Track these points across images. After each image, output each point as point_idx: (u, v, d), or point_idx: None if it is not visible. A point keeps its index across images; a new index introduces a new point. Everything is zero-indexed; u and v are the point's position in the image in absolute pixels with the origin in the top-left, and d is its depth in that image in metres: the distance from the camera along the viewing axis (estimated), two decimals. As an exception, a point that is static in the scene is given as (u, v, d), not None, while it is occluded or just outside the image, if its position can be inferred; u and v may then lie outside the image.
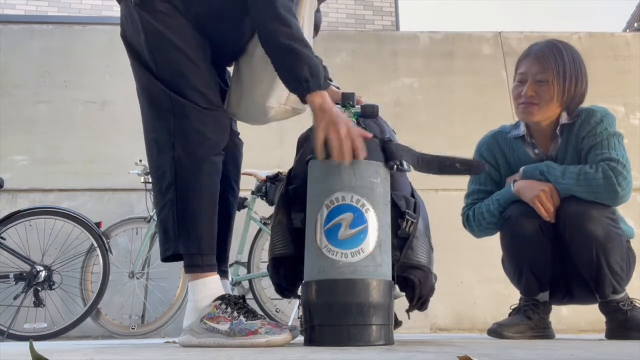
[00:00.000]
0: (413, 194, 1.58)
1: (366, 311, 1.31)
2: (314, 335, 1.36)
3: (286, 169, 1.74)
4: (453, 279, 3.70)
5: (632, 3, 6.96)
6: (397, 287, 1.54)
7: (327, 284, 1.34)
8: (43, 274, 3.12)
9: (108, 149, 3.91)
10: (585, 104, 2.01)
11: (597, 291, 1.88)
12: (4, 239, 3.13)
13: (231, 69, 1.78)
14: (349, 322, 1.31)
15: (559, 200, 1.88)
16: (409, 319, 1.67)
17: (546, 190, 1.88)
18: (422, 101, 4.24)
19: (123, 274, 3.35)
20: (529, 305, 2.01)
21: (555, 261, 1.92)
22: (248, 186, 3.24)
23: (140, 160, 3.28)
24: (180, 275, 3.28)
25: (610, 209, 1.86)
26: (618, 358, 0.96)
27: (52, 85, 4.07)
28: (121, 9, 1.63)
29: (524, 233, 1.91)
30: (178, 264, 1.61)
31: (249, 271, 3.34)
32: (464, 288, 3.76)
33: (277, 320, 2.71)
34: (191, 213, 1.51)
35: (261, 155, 3.37)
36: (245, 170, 2.38)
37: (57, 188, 3.84)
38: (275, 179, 3.22)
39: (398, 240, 1.47)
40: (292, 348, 1.33)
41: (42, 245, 3.25)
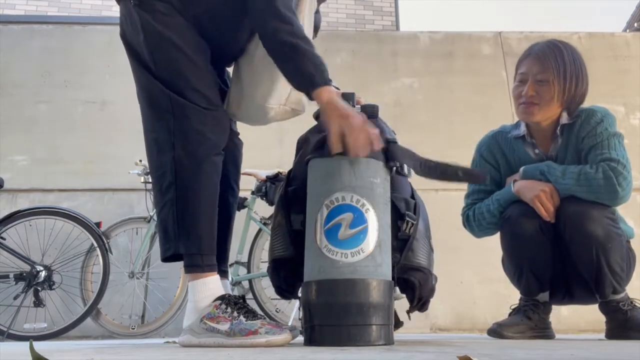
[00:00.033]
0: (413, 196, 1.57)
1: (366, 311, 1.31)
2: (314, 335, 1.36)
3: (286, 169, 1.74)
4: (453, 279, 3.70)
5: (632, 3, 6.96)
6: (397, 289, 1.54)
7: (327, 284, 1.34)
8: (43, 274, 3.12)
9: (108, 149, 3.91)
10: (586, 104, 2.01)
11: (597, 291, 1.88)
12: (4, 239, 3.13)
13: (231, 69, 1.78)
14: (349, 322, 1.31)
15: (559, 200, 1.88)
16: (409, 320, 1.67)
17: (546, 190, 1.88)
18: (422, 101, 4.24)
19: (123, 274, 3.35)
20: (529, 305, 2.01)
21: (555, 261, 1.92)
22: (248, 186, 3.24)
23: (140, 160, 3.28)
24: (180, 275, 3.28)
25: (610, 209, 1.86)
26: (618, 358, 0.96)
27: (52, 85, 4.06)
28: (120, 9, 1.63)
29: (524, 233, 1.91)
30: (178, 264, 1.61)
31: (249, 271, 3.34)
32: (464, 288, 3.76)
33: (277, 320, 2.70)
34: (191, 213, 1.51)
35: (261, 155, 3.37)
36: (245, 170, 2.37)
37: (57, 188, 3.83)
38: (275, 179, 3.22)
39: (398, 242, 1.47)
40: (292, 348, 1.33)
41: (42, 245, 3.25)
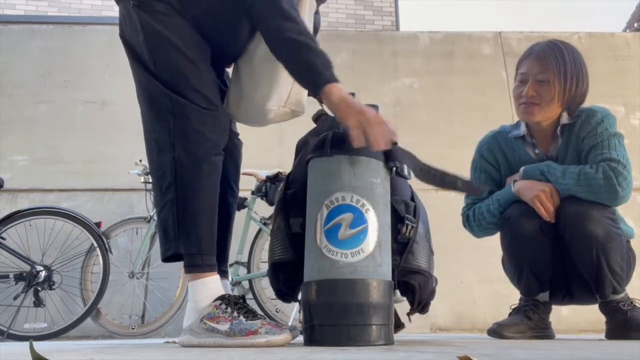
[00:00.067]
0: (413, 198, 1.57)
1: (366, 311, 1.31)
2: (314, 335, 1.36)
3: (286, 169, 1.74)
4: (453, 279, 3.70)
5: (632, 3, 6.96)
6: (397, 292, 1.54)
7: (327, 284, 1.34)
8: (43, 274, 3.12)
9: (108, 149, 3.91)
10: (586, 104, 2.01)
11: (597, 291, 1.88)
12: (4, 239, 3.13)
13: (230, 70, 1.78)
14: (349, 322, 1.31)
15: (559, 201, 1.88)
16: (410, 322, 1.67)
17: (546, 190, 1.88)
18: (422, 101, 4.24)
19: (123, 274, 3.35)
20: (529, 305, 2.01)
21: (555, 261, 1.92)
22: (248, 186, 3.24)
23: (140, 160, 3.28)
24: (180, 275, 3.28)
25: (610, 209, 1.86)
26: (618, 358, 0.96)
27: (52, 85, 4.07)
28: (120, 9, 1.63)
29: (524, 233, 1.91)
30: (178, 264, 1.61)
31: (249, 271, 3.34)
32: (464, 288, 3.76)
33: (277, 320, 2.71)
34: (191, 213, 1.51)
35: (261, 156, 3.37)
36: (245, 170, 2.37)
37: (57, 188, 3.83)
38: (275, 179, 3.23)
39: (398, 245, 1.46)
40: (292, 348, 1.32)
41: (42, 245, 3.25)
